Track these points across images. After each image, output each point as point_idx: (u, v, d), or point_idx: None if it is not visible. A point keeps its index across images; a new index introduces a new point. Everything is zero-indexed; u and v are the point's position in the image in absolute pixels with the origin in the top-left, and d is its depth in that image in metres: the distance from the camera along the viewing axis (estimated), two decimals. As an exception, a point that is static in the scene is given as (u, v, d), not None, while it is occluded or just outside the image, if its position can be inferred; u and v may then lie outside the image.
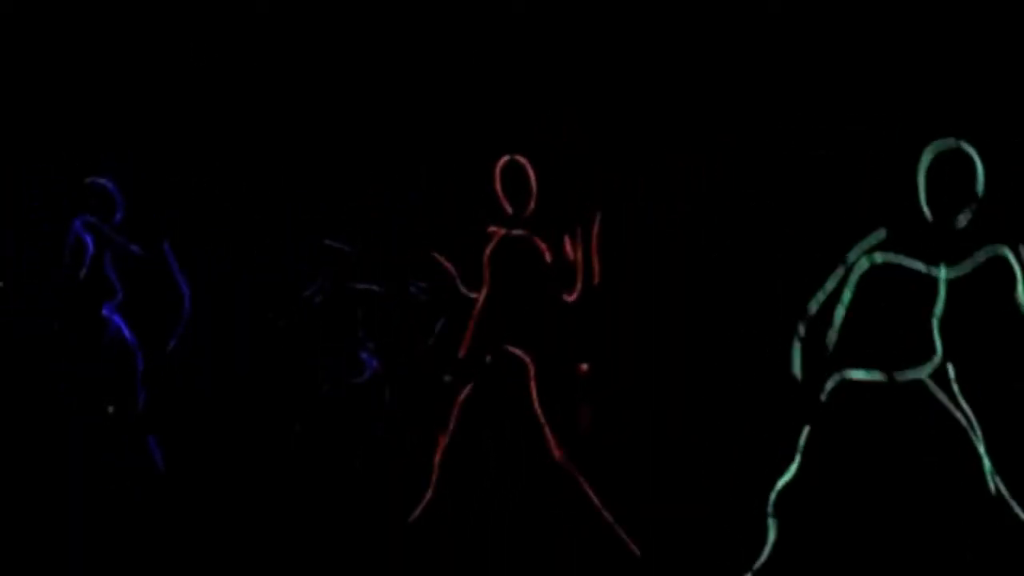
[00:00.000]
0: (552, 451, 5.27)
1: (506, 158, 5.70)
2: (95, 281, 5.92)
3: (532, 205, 5.67)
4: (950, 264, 3.97)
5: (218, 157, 7.63)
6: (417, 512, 5.48)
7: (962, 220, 3.97)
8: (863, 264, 4.11)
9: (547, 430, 5.33)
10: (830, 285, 4.21)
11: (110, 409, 6.05)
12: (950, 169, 4.01)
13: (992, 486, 3.90)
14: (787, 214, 7.01)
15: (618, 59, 7.12)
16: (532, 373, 5.38)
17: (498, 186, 5.69)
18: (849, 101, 6.45)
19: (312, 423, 6.68)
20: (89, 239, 5.98)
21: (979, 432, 3.93)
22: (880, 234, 4.12)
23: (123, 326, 5.90)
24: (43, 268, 6.69)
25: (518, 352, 5.45)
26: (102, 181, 6.09)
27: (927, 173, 4.04)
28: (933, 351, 3.98)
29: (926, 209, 4.00)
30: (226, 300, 7.31)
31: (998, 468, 3.96)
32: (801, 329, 4.25)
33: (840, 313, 4.16)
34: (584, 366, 5.51)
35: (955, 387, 3.99)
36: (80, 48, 7.56)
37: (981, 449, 3.92)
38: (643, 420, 6.65)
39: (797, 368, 4.21)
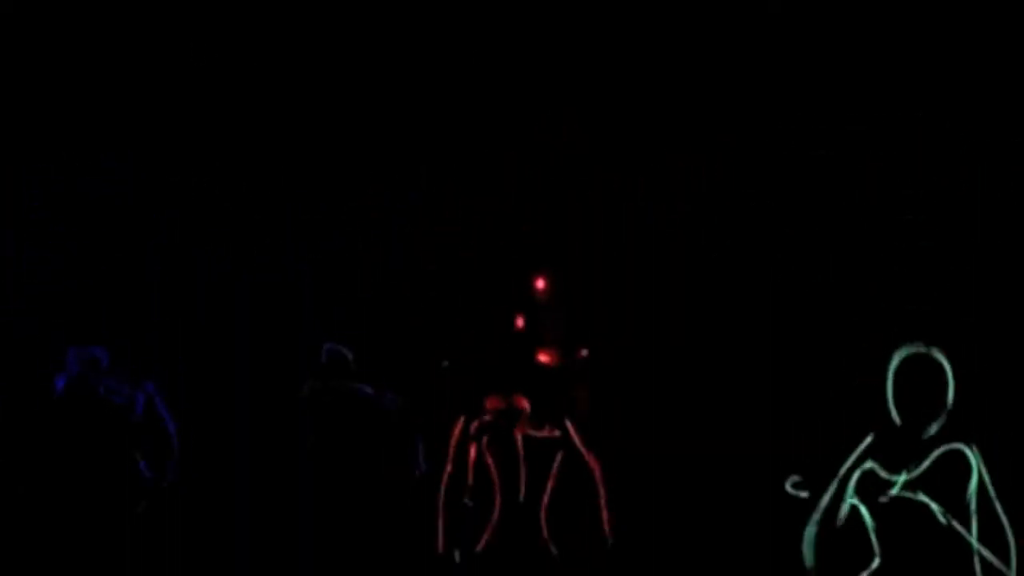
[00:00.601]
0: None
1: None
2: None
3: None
4: (911, 470, 4.04)
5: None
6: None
7: (933, 429, 4.04)
8: (855, 475, 4.15)
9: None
10: (825, 500, 4.19)
11: None
12: (919, 378, 4.08)
13: None
14: (787, 214, 7.03)
15: (618, 59, 7.13)
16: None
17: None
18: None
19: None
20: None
21: None
22: (869, 439, 4.14)
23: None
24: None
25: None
26: (89, 351, 6.02)
27: (894, 379, 4.07)
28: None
29: (895, 415, 4.05)
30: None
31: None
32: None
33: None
34: (584, 351, 5.43)
35: None
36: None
37: None
38: (642, 415, 6.65)
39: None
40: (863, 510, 4.09)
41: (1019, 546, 3.95)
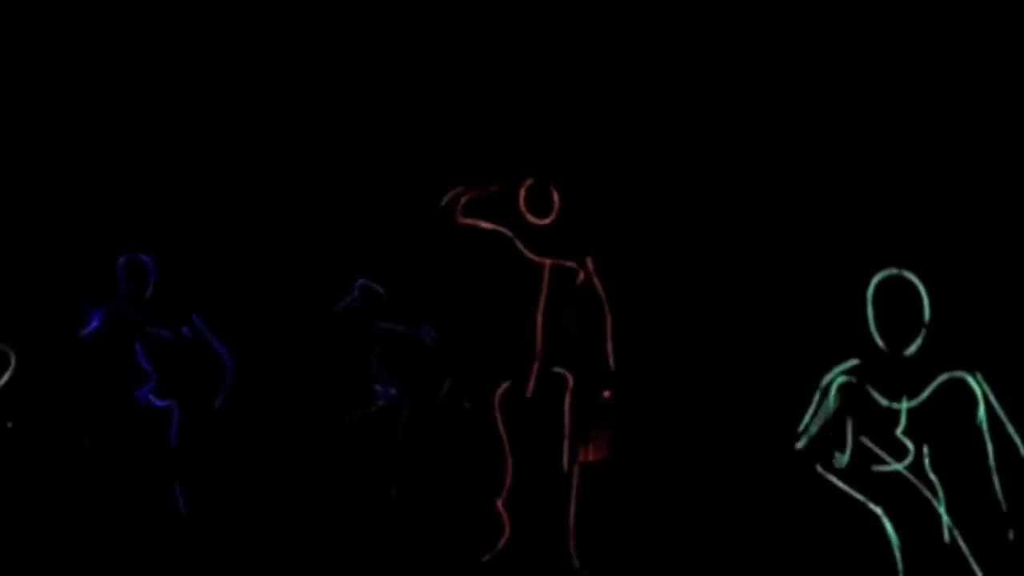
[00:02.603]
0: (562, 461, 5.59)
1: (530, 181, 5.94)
2: (125, 371, 5.98)
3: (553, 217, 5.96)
4: (911, 397, 4.23)
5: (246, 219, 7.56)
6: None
7: (913, 348, 4.24)
8: (836, 385, 4.37)
9: (566, 442, 5.62)
10: (809, 413, 4.44)
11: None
12: (897, 298, 4.26)
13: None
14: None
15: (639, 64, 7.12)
16: (569, 387, 5.73)
17: (522, 203, 5.96)
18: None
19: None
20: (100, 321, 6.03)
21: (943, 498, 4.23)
22: (852, 362, 4.36)
23: (156, 401, 5.97)
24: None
25: (559, 370, 5.80)
26: (139, 256, 6.14)
27: (874, 302, 4.26)
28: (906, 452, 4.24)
29: (878, 339, 4.24)
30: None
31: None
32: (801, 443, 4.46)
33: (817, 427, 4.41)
34: (607, 393, 5.81)
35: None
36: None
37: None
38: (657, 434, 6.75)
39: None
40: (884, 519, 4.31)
41: None
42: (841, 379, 4.35)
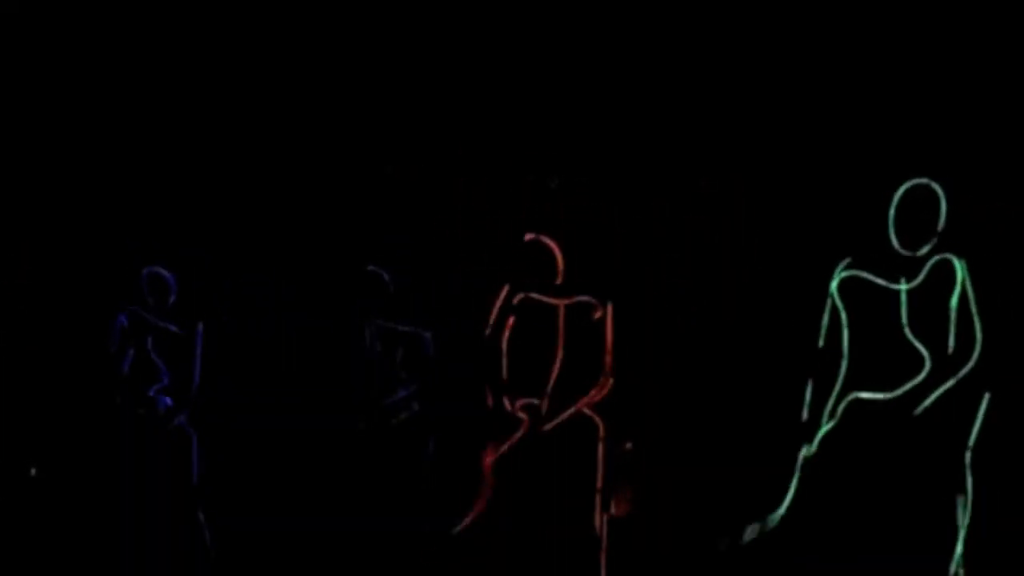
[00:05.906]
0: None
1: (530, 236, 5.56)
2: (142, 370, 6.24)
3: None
4: (909, 279, 4.44)
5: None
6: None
7: (924, 249, 4.45)
8: (835, 280, 4.55)
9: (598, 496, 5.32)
10: (826, 319, 4.60)
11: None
12: (917, 205, 4.46)
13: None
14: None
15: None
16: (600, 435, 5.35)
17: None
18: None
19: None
20: (126, 328, 6.27)
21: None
22: (847, 260, 4.57)
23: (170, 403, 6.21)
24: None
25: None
26: (159, 271, 6.28)
27: (897, 208, 4.47)
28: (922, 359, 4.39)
29: (895, 241, 4.45)
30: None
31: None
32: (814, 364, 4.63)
33: (846, 336, 4.55)
34: (628, 444, 5.51)
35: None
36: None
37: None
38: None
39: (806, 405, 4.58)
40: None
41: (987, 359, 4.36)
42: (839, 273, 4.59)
